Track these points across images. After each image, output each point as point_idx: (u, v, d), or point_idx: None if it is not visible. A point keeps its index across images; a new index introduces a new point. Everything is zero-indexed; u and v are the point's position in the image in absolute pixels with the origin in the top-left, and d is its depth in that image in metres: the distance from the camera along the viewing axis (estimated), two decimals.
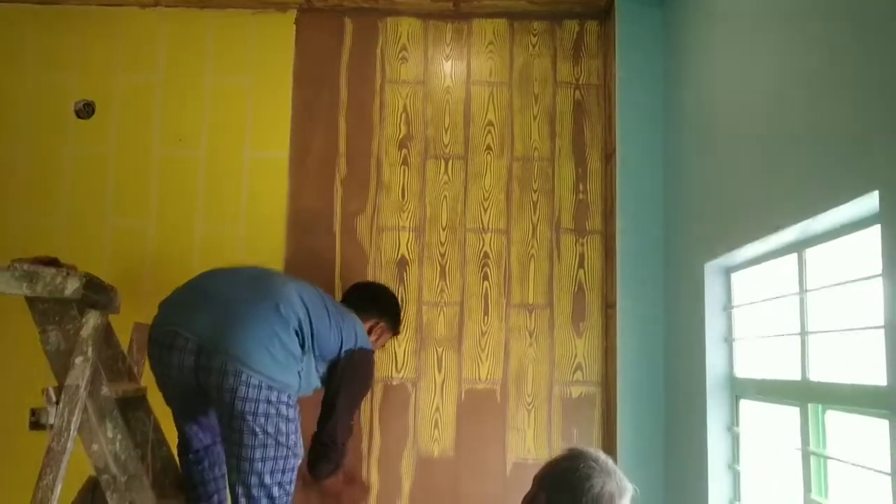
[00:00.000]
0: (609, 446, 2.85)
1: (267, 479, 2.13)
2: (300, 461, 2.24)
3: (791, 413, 1.86)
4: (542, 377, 2.94)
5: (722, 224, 2.20)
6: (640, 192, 2.84)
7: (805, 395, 1.81)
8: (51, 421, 1.99)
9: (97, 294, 2.26)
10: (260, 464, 2.12)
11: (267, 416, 2.11)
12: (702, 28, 2.45)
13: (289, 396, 2.17)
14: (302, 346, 2.24)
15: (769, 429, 2.09)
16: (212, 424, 2.39)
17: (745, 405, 2.24)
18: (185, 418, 2.36)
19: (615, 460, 2.70)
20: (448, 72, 3.09)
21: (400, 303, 2.87)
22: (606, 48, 3.05)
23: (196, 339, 2.14)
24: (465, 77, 3.09)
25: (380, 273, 2.98)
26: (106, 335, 2.37)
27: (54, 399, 2.01)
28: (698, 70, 2.48)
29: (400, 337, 2.95)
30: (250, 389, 2.09)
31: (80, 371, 2.03)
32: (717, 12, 2.31)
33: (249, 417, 2.09)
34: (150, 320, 2.57)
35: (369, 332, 2.64)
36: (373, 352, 2.57)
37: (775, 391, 1.99)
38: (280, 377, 2.14)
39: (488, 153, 3.04)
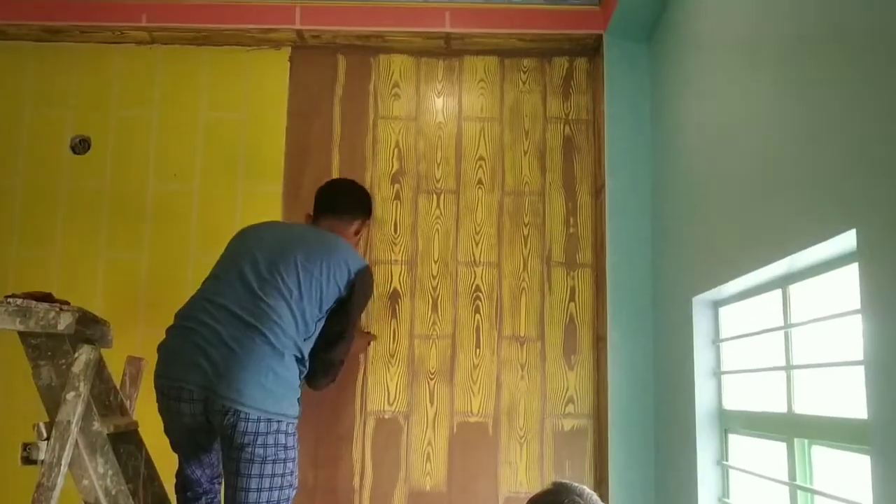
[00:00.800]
0: (601, 479, 2.85)
1: None
2: (295, 492, 2.28)
3: (778, 447, 1.88)
4: (534, 410, 2.95)
5: (709, 258, 2.23)
6: (630, 227, 2.88)
7: (791, 428, 1.82)
8: (41, 457, 2.00)
9: (90, 329, 2.28)
10: (255, 494, 2.16)
11: (265, 446, 2.18)
12: (688, 63, 2.50)
13: (287, 425, 2.24)
14: (306, 338, 2.37)
15: (758, 462, 2.10)
16: (213, 462, 2.44)
17: (735, 439, 2.25)
18: (189, 460, 2.41)
19: (607, 493, 2.72)
20: (440, 108, 3.14)
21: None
22: (595, 84, 3.10)
23: (200, 390, 2.21)
24: (457, 113, 3.13)
25: (372, 306, 2.99)
26: (98, 369, 2.38)
27: (45, 435, 2.02)
28: (685, 105, 2.53)
29: (392, 370, 2.96)
30: (249, 424, 2.16)
31: (72, 407, 2.04)
32: (704, 48, 2.36)
33: (248, 448, 2.16)
34: (143, 353, 2.60)
35: (356, 232, 2.75)
36: (367, 266, 2.62)
37: (762, 425, 2.01)
38: (276, 409, 2.21)
39: (479, 188, 3.08)
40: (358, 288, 2.53)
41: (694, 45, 2.45)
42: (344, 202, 2.77)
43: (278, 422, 2.20)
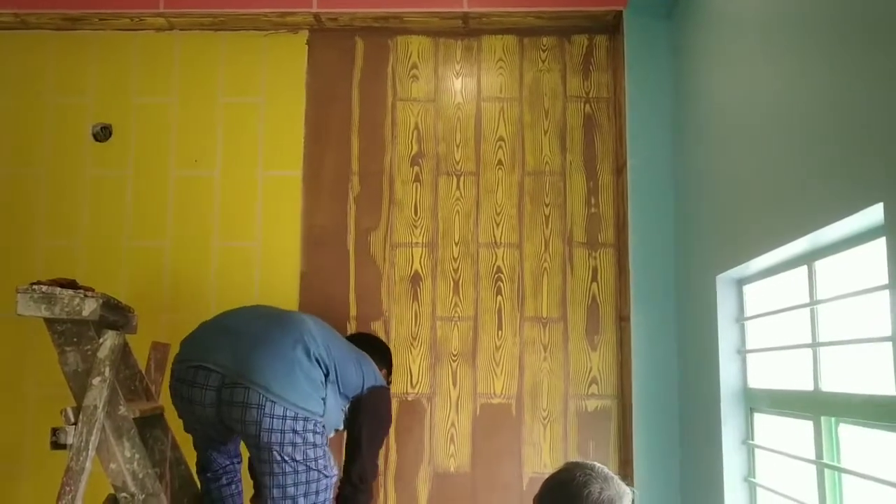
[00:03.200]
0: (625, 459, 2.84)
1: (302, 502, 2.15)
2: (334, 479, 2.25)
3: (805, 426, 1.86)
4: (557, 391, 2.94)
5: (733, 236, 2.21)
6: (652, 205, 2.85)
7: (817, 406, 1.80)
8: (69, 441, 2.02)
9: (114, 315, 2.30)
10: (293, 489, 2.14)
11: (294, 445, 2.13)
12: (710, 39, 2.46)
13: (314, 424, 2.17)
14: (325, 375, 2.25)
15: (784, 441, 2.08)
16: (229, 449, 2.44)
17: (760, 418, 2.23)
18: (204, 445, 2.41)
19: (632, 473, 2.72)
20: (458, 89, 3.12)
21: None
22: (616, 62, 3.06)
23: (218, 373, 2.17)
24: (476, 93, 3.11)
25: (394, 288, 3.00)
26: (124, 355, 2.41)
27: (72, 419, 2.04)
28: (707, 81, 2.49)
29: (414, 352, 2.97)
30: (275, 420, 2.11)
31: (98, 391, 2.06)
32: (726, 23, 2.32)
33: (277, 448, 2.11)
34: (167, 339, 2.62)
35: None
36: (389, 390, 2.59)
37: (788, 403, 1.98)
38: (304, 404, 2.15)
39: (500, 169, 3.06)
40: (378, 398, 2.48)
41: (716, 19, 2.41)
42: (366, 347, 2.65)
43: (304, 420, 2.13)
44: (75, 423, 2.04)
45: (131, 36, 3.16)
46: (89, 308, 2.11)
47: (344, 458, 2.46)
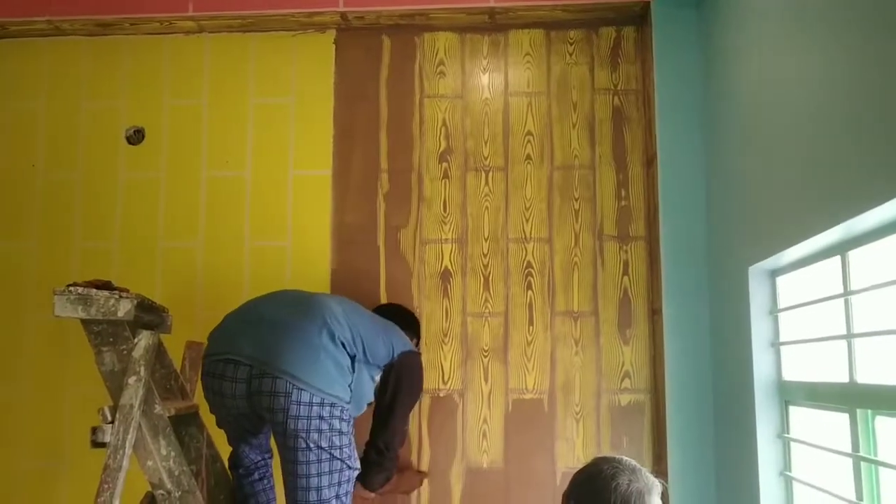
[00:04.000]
0: (659, 454, 2.82)
1: (325, 493, 2.17)
2: (356, 472, 2.27)
3: (840, 419, 1.83)
4: (589, 386, 2.93)
5: (765, 226, 2.18)
6: (683, 197, 2.82)
7: (852, 398, 1.77)
8: (106, 439, 2.06)
9: (149, 315, 2.33)
10: (316, 479, 2.16)
11: (320, 431, 2.15)
12: (740, 29, 2.43)
13: (341, 410, 2.20)
14: (352, 358, 2.27)
15: (820, 434, 2.05)
16: (262, 443, 2.46)
17: (796, 411, 2.20)
18: (236, 440, 2.44)
19: (666, 468, 2.69)
20: (486, 84, 3.11)
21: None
22: (644, 53, 3.03)
23: (246, 364, 2.20)
24: (503, 88, 3.10)
25: (424, 285, 3.00)
26: (159, 354, 2.45)
27: (109, 418, 2.08)
28: (737, 71, 2.46)
29: (445, 348, 2.97)
30: (301, 407, 2.13)
31: (134, 391, 2.09)
32: (755, 12, 2.28)
33: (303, 435, 2.13)
34: (202, 338, 2.65)
35: None
36: (420, 354, 2.62)
37: (823, 396, 1.95)
38: (330, 390, 2.17)
39: (528, 163, 3.05)
40: (409, 364, 2.51)
41: (745, 6, 2.37)
42: (394, 317, 2.69)
43: (331, 406, 2.16)
44: (112, 422, 2.08)
45: (162, 39, 3.21)
46: (124, 309, 2.14)
47: (372, 423, 2.49)
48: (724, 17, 2.58)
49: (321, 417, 2.15)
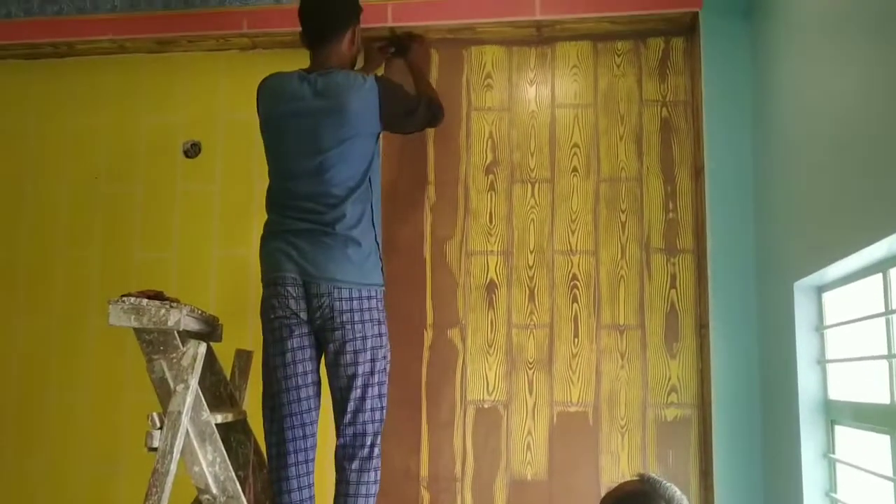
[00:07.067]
0: (705, 470, 2.78)
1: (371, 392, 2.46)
2: (389, 364, 2.54)
3: (882, 440, 1.78)
4: (635, 399, 2.91)
5: (811, 241, 2.13)
6: (731, 209, 2.79)
7: (894, 419, 1.73)
8: (155, 444, 2.14)
9: (198, 324, 2.42)
10: (365, 378, 2.44)
11: (363, 322, 2.44)
12: (790, 40, 2.39)
13: (378, 291, 2.51)
14: (370, 203, 2.59)
15: (866, 456, 2.00)
16: (314, 422, 2.51)
17: (842, 431, 2.15)
18: (292, 430, 2.45)
19: (712, 485, 2.66)
20: (532, 96, 3.12)
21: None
22: (693, 64, 3.00)
23: (295, 282, 2.46)
24: (550, 101, 3.11)
25: (469, 296, 3.03)
26: (209, 362, 2.53)
27: (158, 424, 2.16)
28: (787, 83, 2.42)
29: (490, 359, 2.99)
30: (343, 302, 2.42)
31: (181, 398, 2.17)
32: (806, 24, 2.24)
33: (348, 327, 2.42)
34: (252, 346, 2.75)
35: (352, 42, 2.70)
36: (376, 77, 2.67)
37: (866, 416, 1.90)
38: (366, 280, 2.48)
39: (574, 175, 3.05)
40: (385, 93, 2.61)
41: (795, 17, 2.33)
42: (327, 24, 2.67)
43: (368, 297, 2.45)
44: (161, 428, 2.16)
45: (218, 56, 3.31)
46: (174, 318, 2.23)
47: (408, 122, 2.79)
48: (775, 27, 2.54)
49: (361, 309, 2.45)
